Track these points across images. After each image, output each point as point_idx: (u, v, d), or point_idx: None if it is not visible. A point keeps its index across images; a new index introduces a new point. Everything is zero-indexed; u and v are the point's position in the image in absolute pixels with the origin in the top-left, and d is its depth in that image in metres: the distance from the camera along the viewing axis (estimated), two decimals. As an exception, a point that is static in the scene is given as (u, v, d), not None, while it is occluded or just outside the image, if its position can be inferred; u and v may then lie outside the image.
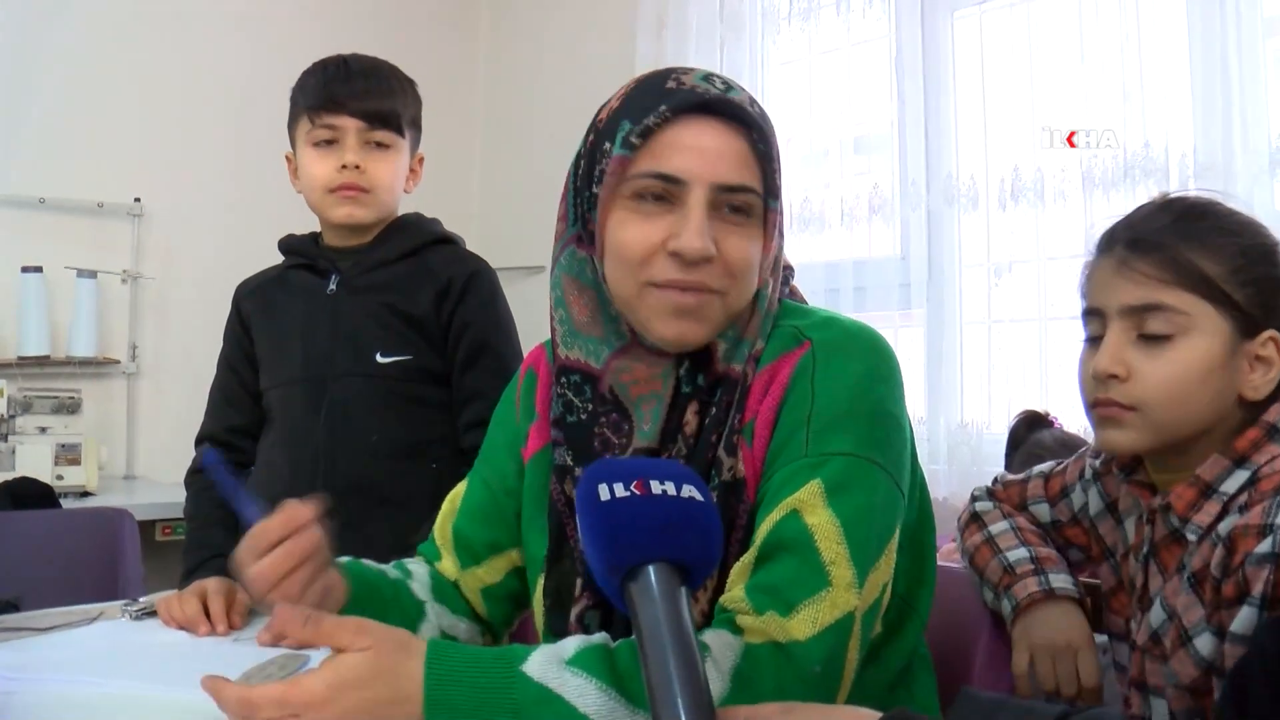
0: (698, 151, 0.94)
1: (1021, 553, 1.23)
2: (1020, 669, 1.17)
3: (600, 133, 0.98)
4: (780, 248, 1.03)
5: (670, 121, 0.94)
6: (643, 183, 0.95)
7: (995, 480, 1.37)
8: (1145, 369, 1.05)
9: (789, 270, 1.08)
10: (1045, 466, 1.33)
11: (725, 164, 0.94)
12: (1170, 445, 1.07)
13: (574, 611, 0.99)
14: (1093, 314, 1.11)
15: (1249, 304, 1.04)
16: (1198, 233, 1.06)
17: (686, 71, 0.98)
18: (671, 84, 0.96)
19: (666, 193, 0.94)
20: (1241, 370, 1.05)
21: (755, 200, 0.95)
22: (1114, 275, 1.08)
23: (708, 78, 0.98)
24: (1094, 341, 1.10)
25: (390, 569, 1.09)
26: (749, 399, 0.96)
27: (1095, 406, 1.09)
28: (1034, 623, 1.17)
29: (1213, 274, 1.04)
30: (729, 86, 0.97)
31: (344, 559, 1.06)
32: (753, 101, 0.99)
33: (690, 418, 0.97)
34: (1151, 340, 1.05)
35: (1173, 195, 1.14)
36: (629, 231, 0.95)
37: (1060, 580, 1.19)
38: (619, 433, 0.99)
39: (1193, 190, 1.14)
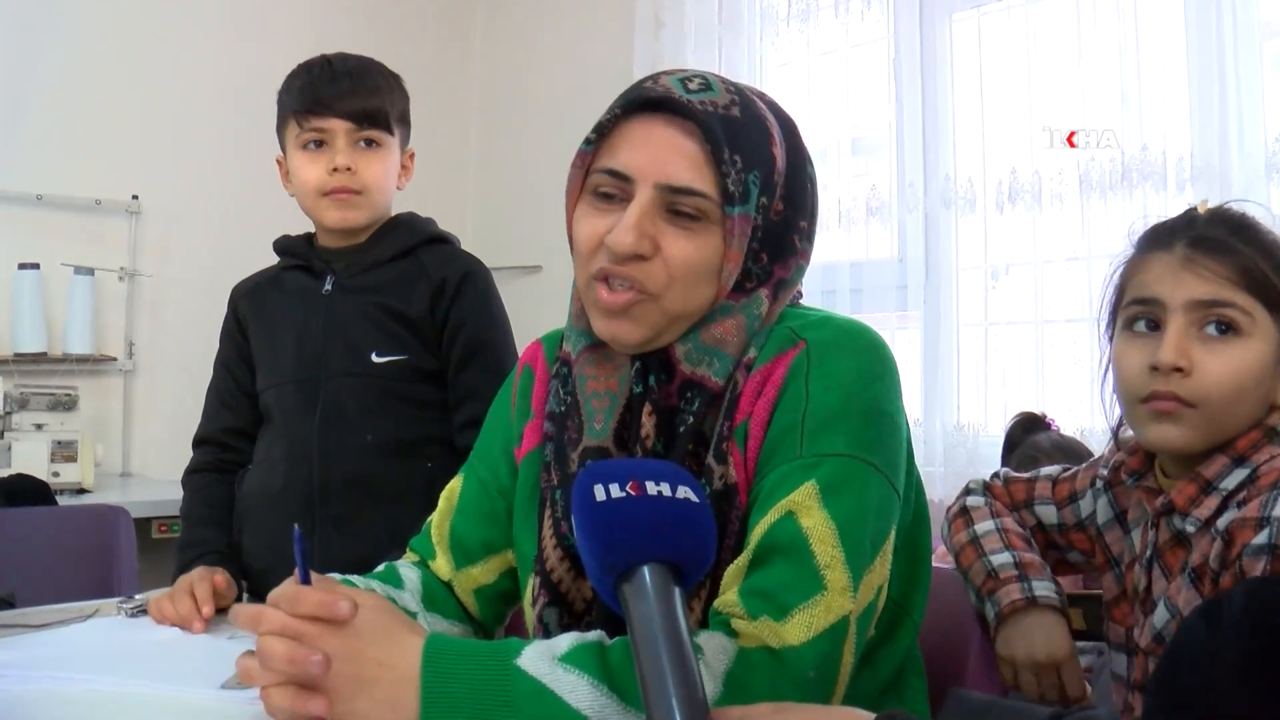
0: (644, 148, 0.94)
1: (1005, 557, 1.23)
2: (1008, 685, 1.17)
3: None
4: (793, 267, 1.00)
5: (623, 119, 0.96)
6: (596, 178, 0.96)
7: (996, 475, 1.36)
8: (1207, 364, 1.05)
9: (797, 294, 1.05)
10: (1053, 469, 1.33)
11: (673, 163, 0.93)
12: (1211, 447, 1.07)
13: (535, 610, 0.98)
14: (1147, 304, 1.10)
15: None
16: (1256, 241, 1.07)
17: (673, 71, 0.98)
18: (649, 83, 0.97)
19: (618, 189, 0.94)
20: None
21: (707, 205, 0.93)
22: (1179, 270, 1.08)
23: (686, 79, 0.96)
24: (1137, 336, 1.10)
25: (379, 584, 1.07)
26: (741, 401, 0.95)
27: (1151, 400, 1.08)
28: (1015, 635, 1.17)
29: (1276, 281, 1.05)
30: (706, 87, 0.95)
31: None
32: (732, 105, 0.95)
33: (644, 420, 0.95)
34: (1213, 337, 1.06)
35: (1213, 206, 1.15)
36: (582, 226, 0.97)
37: (1043, 588, 1.19)
38: (579, 429, 1.00)
39: (1234, 202, 1.15)
